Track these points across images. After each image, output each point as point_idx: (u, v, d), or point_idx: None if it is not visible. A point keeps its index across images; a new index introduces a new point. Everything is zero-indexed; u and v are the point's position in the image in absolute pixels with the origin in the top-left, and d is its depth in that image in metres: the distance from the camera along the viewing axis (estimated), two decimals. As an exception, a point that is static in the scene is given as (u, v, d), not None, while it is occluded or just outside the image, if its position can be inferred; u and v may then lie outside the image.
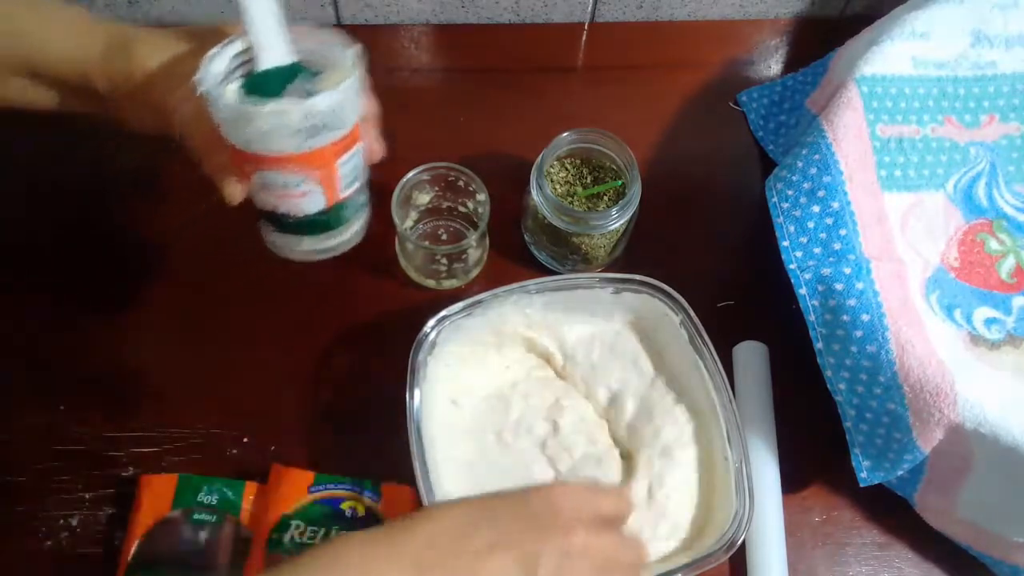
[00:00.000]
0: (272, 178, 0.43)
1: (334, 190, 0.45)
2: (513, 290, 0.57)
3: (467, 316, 0.56)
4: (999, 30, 0.61)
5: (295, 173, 0.42)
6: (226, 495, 0.54)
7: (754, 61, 0.76)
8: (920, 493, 0.56)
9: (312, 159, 0.42)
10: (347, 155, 0.44)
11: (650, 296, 0.58)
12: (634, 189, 0.59)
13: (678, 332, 0.57)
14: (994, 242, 0.59)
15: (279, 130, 0.40)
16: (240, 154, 0.42)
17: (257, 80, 0.42)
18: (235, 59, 0.42)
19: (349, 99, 0.42)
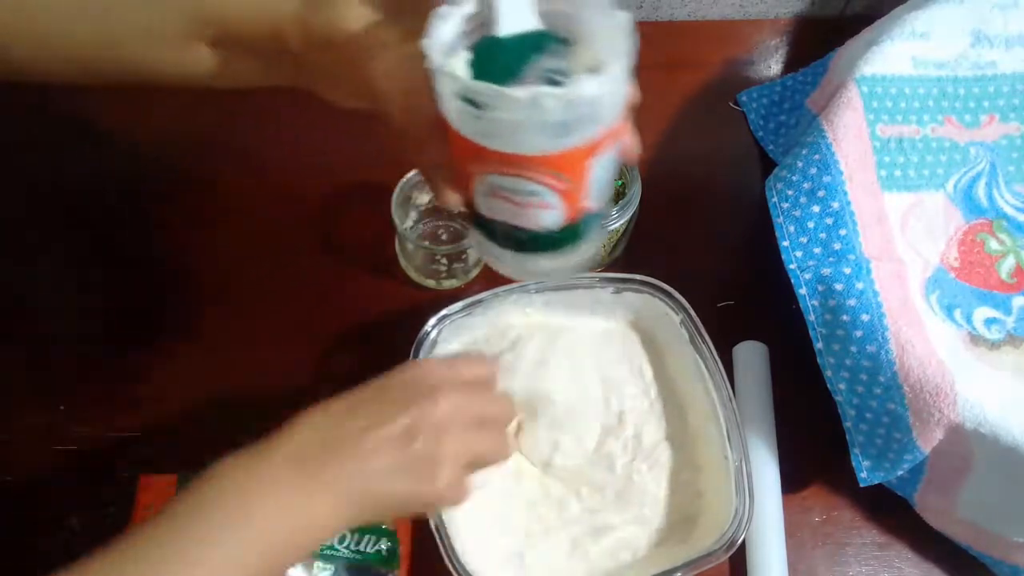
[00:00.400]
0: (506, 183, 0.34)
1: (580, 200, 0.35)
2: (513, 290, 0.57)
3: (467, 315, 0.57)
4: (999, 30, 0.61)
5: (537, 178, 0.33)
6: (226, 495, 0.54)
7: (754, 61, 0.76)
8: (920, 493, 0.56)
9: (562, 162, 0.33)
10: (604, 156, 0.35)
11: (651, 296, 0.58)
12: (634, 189, 0.59)
13: (678, 332, 0.57)
14: (994, 242, 0.59)
15: (530, 123, 0.31)
16: (470, 148, 0.33)
17: (490, 49, 0.33)
18: (467, 22, 0.33)
19: (620, 85, 0.33)
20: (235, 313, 0.62)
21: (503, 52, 0.33)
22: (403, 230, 0.60)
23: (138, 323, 0.62)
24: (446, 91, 0.32)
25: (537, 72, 0.32)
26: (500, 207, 0.35)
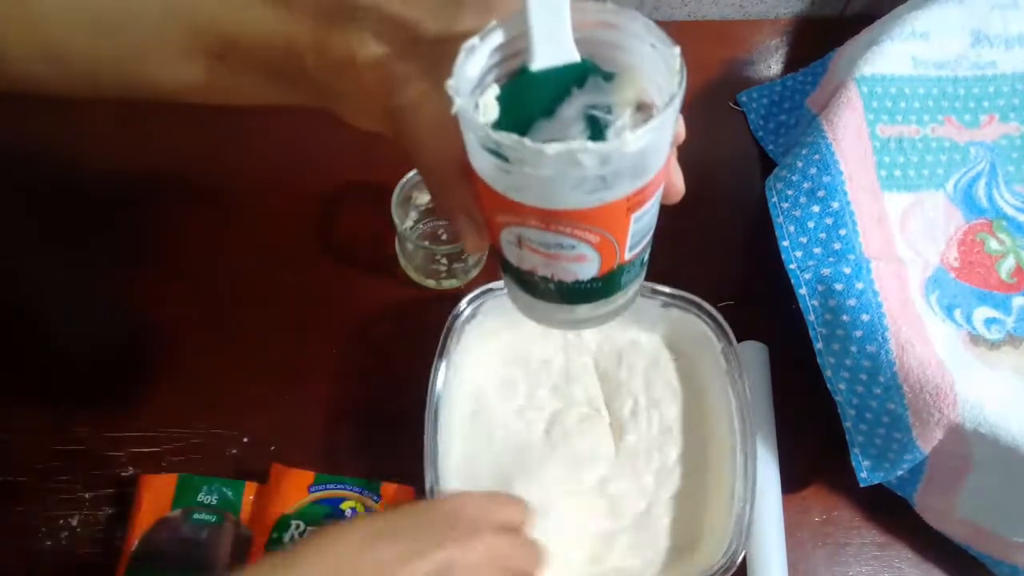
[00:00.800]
0: (537, 236, 0.30)
1: (619, 252, 0.32)
2: None
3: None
4: (999, 30, 0.61)
5: (572, 233, 0.30)
6: (226, 495, 0.54)
7: (754, 61, 0.76)
8: (920, 493, 0.56)
9: (601, 216, 0.29)
10: (646, 207, 0.31)
11: (697, 317, 0.57)
12: None
13: (717, 359, 0.57)
14: (994, 242, 0.59)
15: (565, 179, 0.27)
16: (497, 199, 0.30)
17: (523, 85, 0.30)
18: (495, 53, 0.30)
19: (668, 130, 0.29)
20: (235, 313, 0.62)
21: (537, 88, 0.29)
22: (403, 230, 0.60)
23: (138, 323, 0.62)
24: (471, 139, 0.28)
25: (576, 111, 0.29)
26: (530, 258, 0.32)
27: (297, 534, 0.53)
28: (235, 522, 0.54)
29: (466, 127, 0.28)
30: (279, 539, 0.53)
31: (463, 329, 0.56)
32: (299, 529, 0.53)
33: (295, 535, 0.53)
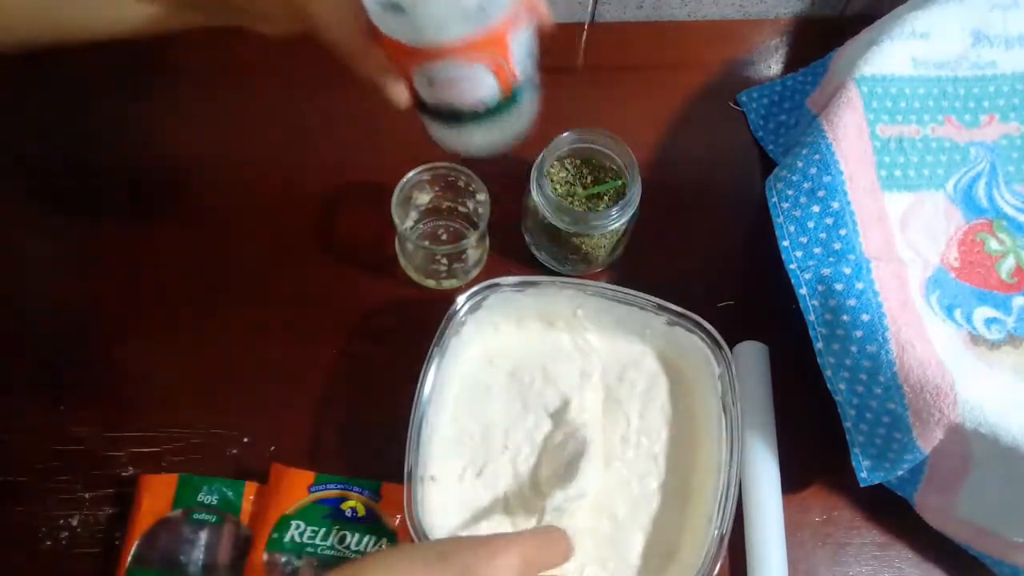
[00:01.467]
0: (441, 71, 0.38)
1: (510, 72, 0.39)
2: (570, 283, 0.58)
3: (519, 292, 0.57)
4: (999, 30, 0.61)
5: (468, 61, 0.37)
6: (226, 495, 0.54)
7: (754, 61, 0.76)
8: (920, 493, 0.56)
9: (486, 42, 0.37)
10: (521, 30, 0.38)
11: (700, 339, 0.57)
12: (634, 189, 0.59)
13: (714, 383, 0.56)
14: (994, 242, 0.59)
15: (450, 15, 0.35)
16: (401, 48, 0.37)
17: None
18: None
19: None
20: (235, 313, 0.62)
21: None
22: (403, 230, 0.60)
23: (138, 322, 0.62)
24: (372, 3, 0.36)
25: None
26: (440, 92, 0.39)
27: (297, 534, 0.53)
28: (235, 522, 0.54)
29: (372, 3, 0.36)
30: (279, 539, 0.53)
31: (459, 329, 0.56)
32: (299, 529, 0.53)
33: (295, 535, 0.53)
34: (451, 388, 0.58)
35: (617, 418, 0.59)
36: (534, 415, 0.59)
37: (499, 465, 0.57)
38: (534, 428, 0.58)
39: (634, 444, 0.58)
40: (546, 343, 0.61)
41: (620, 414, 0.59)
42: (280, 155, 0.69)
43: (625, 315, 0.59)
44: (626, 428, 0.59)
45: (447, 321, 0.55)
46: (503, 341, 0.60)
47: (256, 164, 0.68)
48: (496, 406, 0.59)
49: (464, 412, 0.58)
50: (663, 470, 0.57)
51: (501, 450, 0.57)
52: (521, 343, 0.61)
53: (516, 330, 0.61)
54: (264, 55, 0.64)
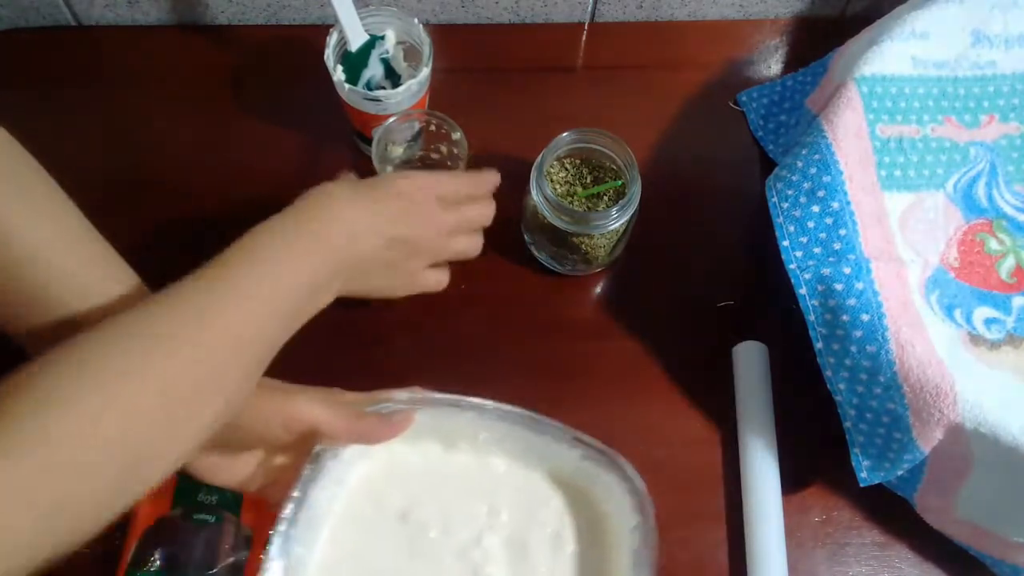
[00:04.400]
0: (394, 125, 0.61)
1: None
2: (471, 405, 0.50)
3: (411, 410, 0.50)
4: (999, 30, 0.61)
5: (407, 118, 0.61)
6: (225, 494, 0.54)
7: (754, 61, 0.76)
8: (920, 493, 0.56)
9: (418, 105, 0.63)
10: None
11: (619, 481, 0.50)
12: (634, 189, 0.59)
13: (627, 535, 0.49)
14: (994, 242, 0.59)
15: (403, 100, 0.60)
16: (370, 117, 0.62)
17: (352, 58, 0.62)
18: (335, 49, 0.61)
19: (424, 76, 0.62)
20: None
21: (358, 55, 0.62)
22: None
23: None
24: (356, 98, 0.61)
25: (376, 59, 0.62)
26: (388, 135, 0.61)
27: (297, 534, 0.53)
28: (235, 522, 0.54)
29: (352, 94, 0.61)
30: (279, 539, 0.53)
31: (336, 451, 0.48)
32: (299, 529, 0.53)
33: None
34: (323, 529, 0.50)
35: (524, 572, 0.51)
36: (428, 571, 0.50)
37: None
38: None
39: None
40: (447, 469, 0.53)
41: (528, 566, 0.51)
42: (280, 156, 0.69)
43: (536, 443, 0.51)
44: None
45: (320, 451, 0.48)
46: (396, 464, 0.52)
47: (256, 164, 0.68)
48: (382, 555, 0.50)
49: (338, 559, 0.49)
50: None
51: None
52: (418, 468, 0.53)
53: (411, 451, 0.52)
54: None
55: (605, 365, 0.63)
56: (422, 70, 0.61)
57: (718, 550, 0.58)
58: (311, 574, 0.48)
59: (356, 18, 0.60)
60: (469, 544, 0.51)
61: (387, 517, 0.51)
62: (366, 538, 0.50)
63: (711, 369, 0.63)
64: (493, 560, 0.51)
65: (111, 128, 0.70)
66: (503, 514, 0.52)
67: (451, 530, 0.51)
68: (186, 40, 0.74)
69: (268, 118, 0.70)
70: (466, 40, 0.75)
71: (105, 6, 0.72)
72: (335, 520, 0.50)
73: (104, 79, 0.72)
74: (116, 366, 0.37)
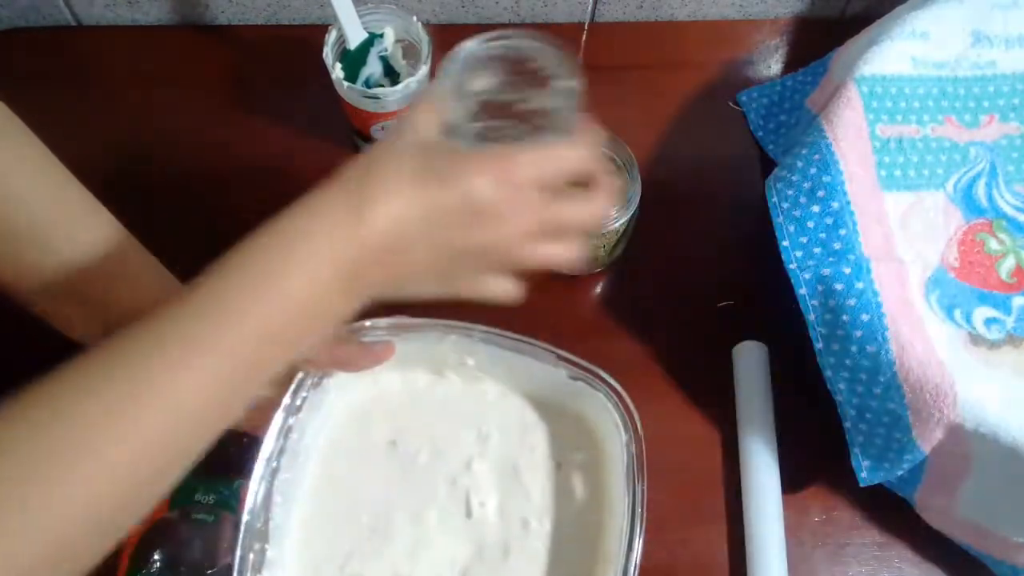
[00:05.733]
0: (390, 123, 0.62)
1: None
2: (455, 328, 0.50)
3: (393, 336, 0.50)
4: (999, 30, 0.61)
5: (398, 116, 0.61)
6: (223, 494, 0.54)
7: (754, 61, 0.76)
8: (920, 493, 0.56)
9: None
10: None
11: (605, 398, 0.50)
12: (634, 189, 0.59)
13: (620, 453, 0.49)
14: (994, 242, 0.59)
15: (403, 98, 0.60)
16: (369, 115, 0.62)
17: (351, 56, 0.61)
18: (334, 47, 0.61)
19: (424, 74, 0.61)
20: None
21: (355, 54, 0.62)
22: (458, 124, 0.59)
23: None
24: (355, 96, 0.60)
25: (375, 57, 0.62)
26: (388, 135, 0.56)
27: (296, 534, 0.53)
28: (233, 521, 0.54)
29: (351, 92, 0.60)
30: (278, 539, 0.53)
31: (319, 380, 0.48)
32: (298, 529, 0.53)
33: (294, 535, 0.53)
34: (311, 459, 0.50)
35: (516, 494, 0.51)
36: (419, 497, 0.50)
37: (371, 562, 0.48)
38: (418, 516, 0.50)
39: (535, 529, 0.50)
40: (435, 396, 0.53)
41: (519, 488, 0.51)
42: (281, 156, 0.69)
43: (521, 366, 0.51)
44: (526, 506, 0.51)
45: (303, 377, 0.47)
46: (383, 393, 0.52)
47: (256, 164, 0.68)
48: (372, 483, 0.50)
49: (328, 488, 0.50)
50: (568, 560, 0.50)
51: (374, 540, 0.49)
52: (405, 397, 0.52)
53: (400, 379, 0.52)
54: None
55: (604, 365, 0.62)
56: (421, 68, 0.61)
57: (718, 550, 0.58)
58: (300, 504, 0.48)
59: (355, 16, 0.60)
60: (459, 470, 0.51)
61: (376, 445, 0.51)
62: (355, 467, 0.50)
63: (711, 369, 0.63)
64: (483, 485, 0.51)
65: (111, 128, 0.70)
66: (492, 439, 0.52)
67: (440, 456, 0.51)
68: (186, 40, 0.74)
69: (268, 118, 0.70)
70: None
71: (105, 6, 0.72)
72: (323, 450, 0.50)
73: (104, 79, 0.72)
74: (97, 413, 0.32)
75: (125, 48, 0.73)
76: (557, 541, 0.50)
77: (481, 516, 0.51)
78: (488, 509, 0.51)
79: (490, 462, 0.52)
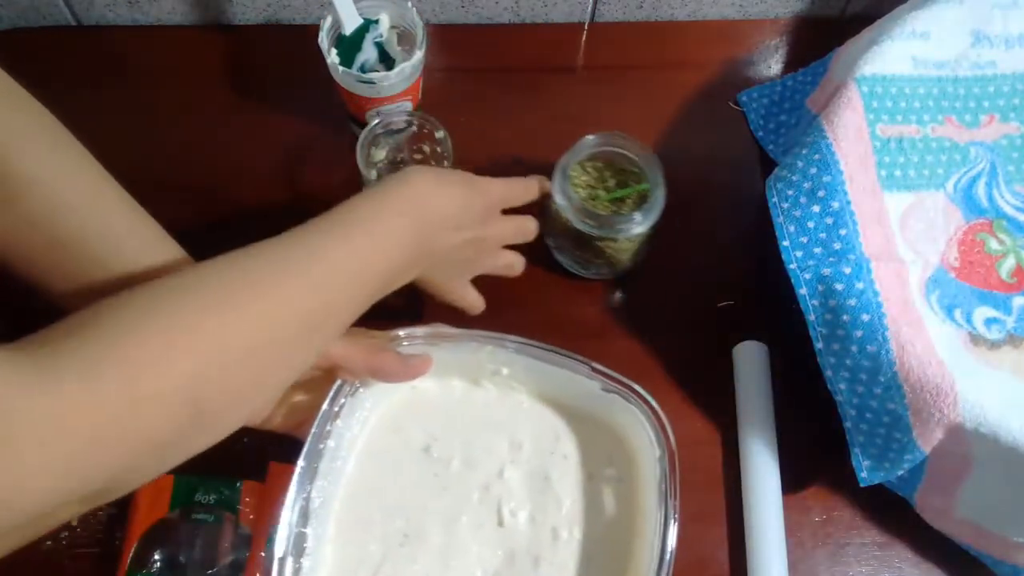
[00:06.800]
0: (387, 107, 0.63)
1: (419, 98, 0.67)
2: (490, 339, 0.51)
3: (431, 346, 0.51)
4: (999, 30, 0.61)
5: (402, 101, 0.63)
6: (223, 494, 0.54)
7: (754, 61, 0.76)
8: (920, 493, 0.56)
9: (411, 89, 0.63)
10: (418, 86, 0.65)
11: (639, 412, 0.50)
12: (658, 192, 0.58)
13: (653, 466, 0.49)
14: (994, 242, 0.59)
15: (396, 83, 0.61)
16: (364, 100, 0.62)
17: (346, 41, 0.62)
18: (329, 33, 0.61)
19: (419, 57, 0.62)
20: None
21: (351, 40, 0.62)
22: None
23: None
24: (350, 80, 0.61)
25: (370, 43, 0.63)
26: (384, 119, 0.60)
27: (296, 534, 0.53)
28: (233, 521, 0.54)
29: (346, 77, 0.61)
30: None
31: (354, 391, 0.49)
32: (298, 529, 0.53)
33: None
34: (347, 464, 0.51)
35: (547, 504, 0.52)
36: (452, 504, 0.51)
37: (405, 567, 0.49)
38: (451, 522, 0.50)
39: (566, 539, 0.51)
40: (470, 404, 0.54)
41: (551, 497, 0.52)
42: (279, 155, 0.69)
43: (555, 377, 0.52)
44: (557, 516, 0.51)
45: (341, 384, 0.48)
46: (419, 399, 0.53)
47: (255, 164, 0.68)
48: (406, 489, 0.51)
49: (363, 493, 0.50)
50: (597, 571, 0.50)
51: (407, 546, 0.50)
52: (440, 404, 0.53)
53: (436, 386, 0.53)
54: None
55: (605, 365, 0.63)
56: (415, 53, 0.61)
57: (718, 550, 0.58)
58: (336, 508, 0.49)
59: (350, 2, 0.61)
60: (492, 477, 0.52)
61: (410, 451, 0.52)
62: (390, 472, 0.51)
63: (711, 369, 0.63)
64: (515, 493, 0.52)
65: (110, 127, 0.69)
66: (525, 447, 0.53)
67: (473, 463, 0.52)
68: (186, 40, 0.74)
69: (268, 117, 0.70)
70: (466, 40, 0.75)
71: (105, 6, 0.72)
72: (358, 455, 0.51)
73: (104, 79, 0.72)
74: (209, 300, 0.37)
75: (125, 48, 0.73)
76: (587, 552, 0.51)
77: (512, 524, 0.51)
78: (519, 517, 0.52)
79: (522, 471, 0.52)
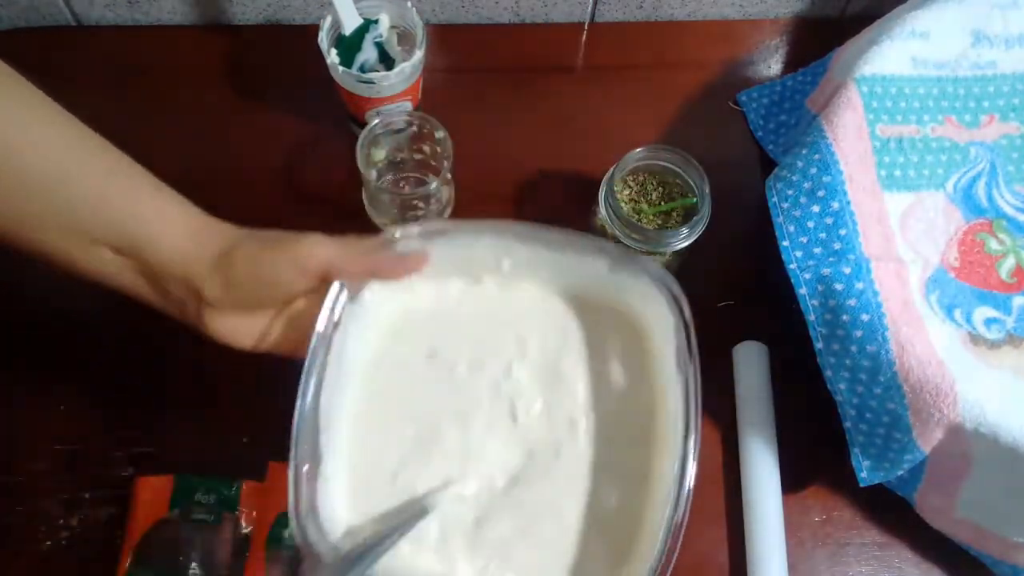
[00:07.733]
0: (386, 107, 0.63)
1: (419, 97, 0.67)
2: (486, 227, 0.49)
3: (426, 243, 0.48)
4: (999, 30, 0.61)
5: (401, 102, 0.64)
6: (223, 494, 0.54)
7: (754, 61, 0.76)
8: (920, 493, 0.56)
9: (410, 89, 0.64)
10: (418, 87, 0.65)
11: (650, 284, 0.48)
12: (705, 207, 0.58)
13: (668, 337, 0.47)
14: (994, 242, 0.59)
15: (395, 83, 0.61)
16: (363, 100, 0.63)
17: (346, 41, 0.62)
18: (329, 33, 0.61)
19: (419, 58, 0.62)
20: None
21: (351, 40, 0.62)
22: (376, 184, 0.62)
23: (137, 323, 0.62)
24: (350, 80, 0.61)
25: (369, 42, 0.63)
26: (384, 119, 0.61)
27: (297, 534, 0.53)
28: (234, 521, 0.54)
29: (347, 78, 0.61)
30: (278, 536, 0.53)
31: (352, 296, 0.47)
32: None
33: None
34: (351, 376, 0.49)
35: (560, 395, 0.50)
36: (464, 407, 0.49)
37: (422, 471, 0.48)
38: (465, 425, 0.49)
39: (584, 429, 0.49)
40: (470, 304, 0.51)
41: (564, 389, 0.50)
42: (280, 155, 0.69)
43: (560, 262, 0.50)
44: (573, 405, 0.50)
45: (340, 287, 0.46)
46: (418, 305, 0.51)
47: (256, 163, 0.68)
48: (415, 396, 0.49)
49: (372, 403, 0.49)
50: (619, 454, 0.49)
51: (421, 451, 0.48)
52: (440, 307, 0.51)
53: (434, 288, 0.51)
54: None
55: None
56: (415, 53, 0.61)
57: (718, 550, 0.58)
58: (344, 420, 0.48)
59: (350, 2, 0.61)
60: (501, 376, 0.50)
61: (415, 358, 0.50)
62: (396, 381, 0.50)
63: (711, 369, 0.62)
64: (526, 388, 0.50)
65: (110, 127, 0.70)
66: (531, 341, 0.51)
67: (481, 364, 0.50)
68: (186, 40, 0.74)
69: (268, 117, 0.70)
70: (466, 40, 0.75)
71: (105, 6, 0.72)
72: (363, 365, 0.49)
73: (104, 79, 0.72)
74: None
75: (125, 48, 0.73)
76: (607, 436, 0.49)
77: (527, 420, 0.49)
78: (533, 412, 0.50)
79: (531, 365, 0.50)
